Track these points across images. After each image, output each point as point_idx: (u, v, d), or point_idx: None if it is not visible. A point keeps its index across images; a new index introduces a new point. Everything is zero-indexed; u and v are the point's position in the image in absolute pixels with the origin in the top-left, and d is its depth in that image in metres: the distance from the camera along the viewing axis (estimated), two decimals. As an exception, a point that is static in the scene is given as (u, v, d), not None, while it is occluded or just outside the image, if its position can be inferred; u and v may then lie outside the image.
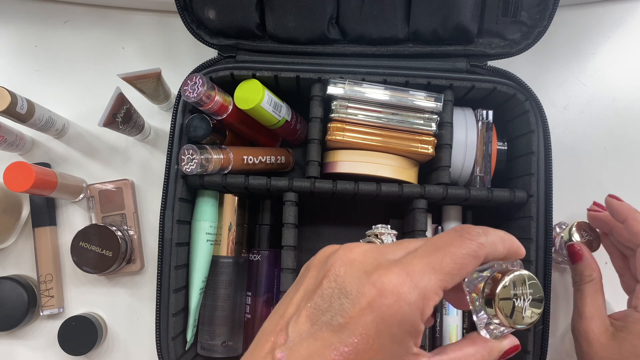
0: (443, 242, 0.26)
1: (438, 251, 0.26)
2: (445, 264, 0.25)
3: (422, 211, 0.54)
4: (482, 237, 0.26)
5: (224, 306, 0.56)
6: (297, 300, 0.27)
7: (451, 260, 0.25)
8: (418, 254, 0.26)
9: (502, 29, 0.54)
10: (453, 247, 0.26)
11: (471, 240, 0.26)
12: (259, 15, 0.54)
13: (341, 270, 0.26)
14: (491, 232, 0.27)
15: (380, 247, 0.27)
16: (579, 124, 0.65)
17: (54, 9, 0.68)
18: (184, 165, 0.50)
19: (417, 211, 0.54)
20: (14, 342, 0.62)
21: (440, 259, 0.25)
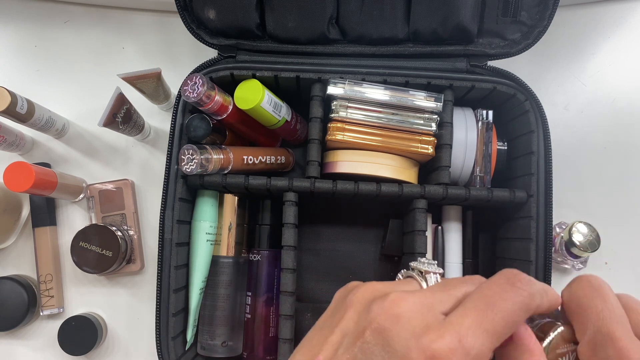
0: (494, 292, 0.24)
1: (489, 307, 0.24)
2: (497, 323, 0.23)
3: (422, 211, 0.54)
4: (533, 284, 0.24)
5: (224, 306, 0.56)
6: (334, 343, 0.25)
7: (503, 318, 0.23)
8: (467, 311, 0.24)
9: (502, 29, 0.54)
10: (505, 301, 0.24)
11: (522, 290, 0.24)
12: (259, 15, 0.54)
13: (387, 325, 0.24)
14: (535, 281, 0.25)
15: (429, 298, 0.25)
16: (579, 124, 0.65)
17: (54, 9, 0.68)
18: (184, 165, 0.50)
19: (417, 211, 0.54)
20: (14, 342, 0.62)
21: (492, 318, 0.23)
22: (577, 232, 0.56)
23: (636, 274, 0.63)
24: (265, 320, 0.57)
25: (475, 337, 0.23)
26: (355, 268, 0.63)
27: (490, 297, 0.24)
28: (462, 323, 0.23)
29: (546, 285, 0.26)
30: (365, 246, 0.63)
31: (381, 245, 0.62)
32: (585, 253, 0.56)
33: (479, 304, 0.24)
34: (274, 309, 0.58)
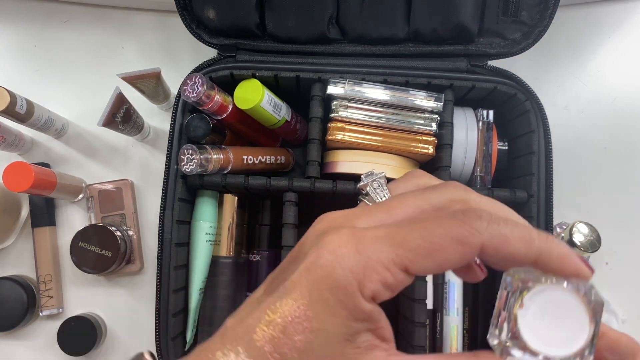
0: (426, 216, 0.22)
1: (411, 224, 0.21)
2: (410, 239, 0.20)
3: (423, 211, 0.53)
4: (481, 222, 0.20)
5: (223, 307, 0.56)
6: None
7: (420, 236, 0.20)
8: (390, 225, 0.22)
9: (502, 28, 0.54)
10: (431, 222, 0.21)
11: (463, 222, 0.20)
12: (259, 15, 0.54)
13: (307, 237, 0.23)
14: (508, 222, 0.21)
15: (353, 212, 0.24)
16: (579, 124, 0.65)
17: (54, 9, 0.68)
18: (184, 165, 0.50)
19: (417, 211, 0.53)
20: (13, 343, 0.62)
21: (406, 232, 0.21)
22: (577, 232, 0.56)
23: (637, 274, 0.63)
24: (265, 321, 0.57)
25: (375, 241, 0.21)
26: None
27: (419, 218, 0.22)
28: (372, 230, 0.21)
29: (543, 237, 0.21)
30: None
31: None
32: (585, 253, 0.56)
33: (402, 221, 0.22)
34: (274, 309, 0.57)
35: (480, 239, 0.20)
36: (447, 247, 0.20)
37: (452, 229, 0.20)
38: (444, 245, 0.20)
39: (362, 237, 0.21)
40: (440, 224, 0.21)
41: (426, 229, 0.21)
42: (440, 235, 0.20)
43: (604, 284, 0.62)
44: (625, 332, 0.23)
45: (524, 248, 0.21)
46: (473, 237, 0.20)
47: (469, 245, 0.20)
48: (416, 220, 0.21)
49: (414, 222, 0.21)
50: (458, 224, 0.20)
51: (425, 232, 0.20)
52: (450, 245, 0.20)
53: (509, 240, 0.21)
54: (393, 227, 0.21)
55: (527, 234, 0.21)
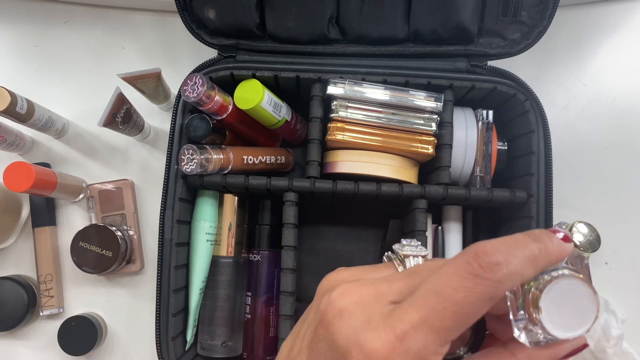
0: (446, 281, 0.21)
1: (439, 300, 0.21)
2: (447, 319, 0.20)
3: (422, 211, 0.54)
4: (500, 270, 0.20)
5: (224, 306, 0.56)
6: (299, 345, 0.25)
7: (455, 312, 0.20)
8: (414, 302, 0.21)
9: (502, 28, 0.54)
10: (459, 293, 0.20)
11: (484, 279, 0.20)
12: (259, 15, 0.54)
13: (331, 320, 0.23)
14: (516, 256, 0.21)
15: (376, 287, 0.23)
16: (579, 124, 0.65)
17: (54, 9, 0.68)
18: (184, 165, 0.50)
19: (417, 211, 0.54)
20: (14, 342, 0.62)
21: (440, 313, 0.21)
22: (577, 232, 0.56)
23: (636, 273, 0.63)
24: (265, 321, 0.57)
25: (416, 334, 0.20)
26: (355, 268, 0.62)
27: (443, 287, 0.21)
28: (404, 317, 0.21)
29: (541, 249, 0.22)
30: (365, 246, 0.63)
31: (381, 245, 0.62)
32: (585, 253, 0.56)
33: (428, 295, 0.21)
34: (274, 309, 0.58)
35: (504, 289, 0.21)
36: (480, 310, 0.21)
37: (480, 292, 0.20)
38: (478, 310, 0.21)
39: (403, 335, 0.21)
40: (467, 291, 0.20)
41: (456, 302, 0.20)
42: (471, 304, 0.21)
43: (603, 283, 0.62)
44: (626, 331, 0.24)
45: (533, 272, 0.22)
46: (499, 291, 0.21)
47: (497, 299, 0.21)
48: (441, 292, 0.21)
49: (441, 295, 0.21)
50: (481, 283, 0.20)
51: (457, 307, 0.20)
52: (483, 306, 0.21)
53: (523, 274, 0.21)
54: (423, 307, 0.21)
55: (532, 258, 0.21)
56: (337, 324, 0.22)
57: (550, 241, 0.22)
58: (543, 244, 0.22)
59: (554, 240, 0.22)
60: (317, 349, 0.23)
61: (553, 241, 0.22)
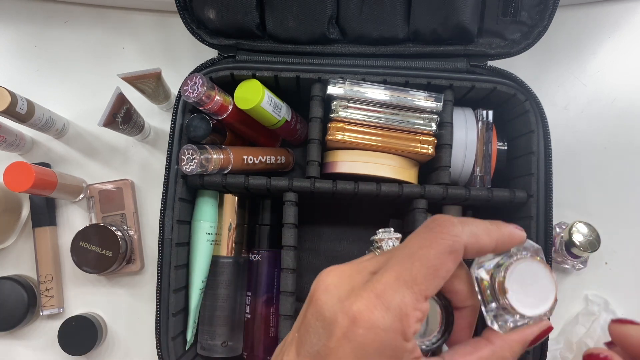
0: (412, 244, 0.24)
1: (407, 258, 0.24)
2: (416, 272, 0.23)
3: (422, 211, 0.54)
4: (456, 227, 0.24)
5: (224, 306, 0.56)
6: (294, 329, 0.26)
7: (422, 265, 0.23)
8: (388, 266, 0.24)
9: (502, 29, 0.54)
10: (422, 248, 0.23)
11: (442, 233, 0.24)
12: (259, 15, 0.54)
13: (320, 297, 0.24)
14: (471, 222, 0.25)
15: (357, 265, 0.26)
16: (579, 124, 0.65)
17: (54, 9, 0.68)
18: (184, 165, 0.50)
19: (417, 211, 0.54)
20: (14, 342, 0.62)
21: (409, 268, 0.23)
22: (577, 232, 0.56)
23: (636, 274, 0.63)
24: (265, 320, 0.57)
25: (393, 291, 0.23)
26: (355, 268, 0.63)
27: (409, 248, 0.24)
28: (381, 279, 0.23)
29: (494, 225, 0.26)
30: (365, 246, 0.62)
31: (381, 245, 0.62)
32: (585, 253, 0.56)
33: (398, 257, 0.24)
34: (274, 309, 0.58)
35: (462, 242, 0.24)
36: (444, 261, 0.23)
37: (440, 243, 0.23)
38: (442, 262, 0.23)
39: (382, 293, 0.23)
40: (429, 245, 0.23)
41: (422, 255, 0.23)
42: (435, 256, 0.23)
43: (603, 283, 0.62)
44: None
45: (488, 239, 0.25)
46: (457, 243, 0.24)
47: (457, 251, 0.24)
48: (408, 252, 0.24)
49: (408, 254, 0.24)
50: (441, 237, 0.24)
51: (423, 259, 0.23)
52: (446, 258, 0.23)
53: (478, 236, 0.25)
54: (396, 267, 0.24)
55: (486, 227, 0.25)
56: (323, 298, 0.24)
57: (504, 224, 0.26)
58: (498, 224, 0.26)
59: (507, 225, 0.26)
60: (306, 328, 0.24)
61: (506, 224, 0.26)
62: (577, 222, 0.56)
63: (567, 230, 0.56)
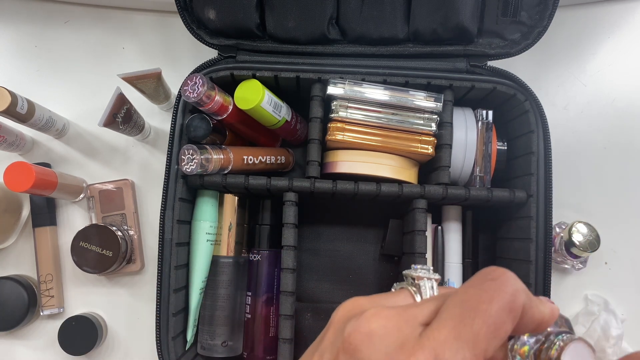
0: (470, 296, 0.21)
1: (466, 312, 0.21)
2: (477, 330, 0.20)
3: (422, 211, 0.54)
4: (516, 281, 0.22)
5: (224, 306, 0.56)
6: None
7: (484, 322, 0.21)
8: (443, 319, 0.21)
9: (501, 29, 0.54)
10: (483, 302, 0.21)
11: (502, 286, 0.21)
12: (259, 16, 0.54)
13: (358, 346, 0.22)
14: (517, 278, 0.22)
15: (405, 313, 0.23)
16: (579, 124, 0.65)
17: (54, 9, 0.68)
18: (184, 165, 0.50)
19: (417, 211, 0.54)
20: (14, 342, 0.62)
21: (470, 324, 0.21)
22: (576, 232, 0.56)
23: (636, 274, 0.63)
24: (265, 320, 0.57)
25: (453, 350, 0.20)
26: (355, 268, 0.63)
27: (467, 301, 0.21)
28: (438, 336, 0.21)
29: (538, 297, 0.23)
30: (365, 246, 0.63)
31: (381, 245, 0.62)
32: (585, 253, 0.56)
33: (455, 311, 0.21)
34: (274, 309, 0.58)
35: (522, 300, 0.21)
36: (505, 320, 0.21)
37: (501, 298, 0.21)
38: (503, 320, 0.21)
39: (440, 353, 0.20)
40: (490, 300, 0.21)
41: (482, 311, 0.21)
42: (496, 313, 0.21)
43: (603, 283, 0.62)
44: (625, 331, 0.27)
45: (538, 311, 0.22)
46: (518, 299, 0.21)
47: (517, 310, 0.21)
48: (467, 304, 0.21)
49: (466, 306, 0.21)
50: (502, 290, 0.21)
51: (483, 316, 0.21)
52: (506, 316, 0.21)
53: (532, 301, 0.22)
54: (452, 322, 0.21)
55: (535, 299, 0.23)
56: (366, 350, 0.21)
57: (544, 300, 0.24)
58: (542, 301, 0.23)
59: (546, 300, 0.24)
60: None
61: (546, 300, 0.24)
62: (577, 222, 0.57)
63: (567, 230, 0.56)
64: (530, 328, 0.23)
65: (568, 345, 0.26)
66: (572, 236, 0.56)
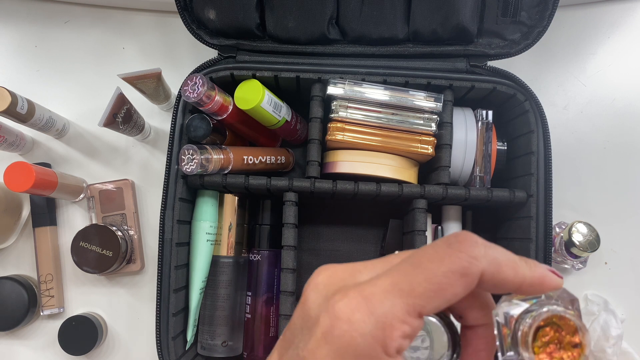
0: (424, 255, 0.21)
1: (411, 267, 0.21)
2: (417, 284, 0.20)
3: (422, 211, 0.54)
4: (477, 248, 0.21)
5: (224, 306, 0.56)
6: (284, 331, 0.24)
7: (426, 278, 0.20)
8: (390, 272, 0.21)
9: (501, 29, 0.54)
10: (433, 262, 0.21)
11: (460, 251, 0.21)
12: (259, 16, 0.54)
13: (308, 296, 0.23)
14: (498, 249, 0.22)
15: (355, 265, 0.23)
16: (579, 124, 0.65)
17: (54, 9, 0.68)
18: (184, 165, 0.50)
19: (416, 211, 0.54)
20: (14, 342, 0.62)
21: (411, 278, 0.20)
22: (576, 232, 0.56)
23: (636, 274, 0.63)
24: (266, 320, 0.57)
25: (384, 296, 0.20)
26: (355, 268, 0.63)
27: (419, 259, 0.21)
28: (376, 283, 0.21)
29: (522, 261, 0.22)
30: (365, 246, 0.63)
31: (381, 245, 0.62)
32: (584, 253, 0.56)
33: (401, 266, 0.21)
34: (274, 308, 0.58)
35: (480, 267, 0.21)
36: (453, 282, 0.20)
37: (453, 261, 0.21)
38: (450, 282, 0.20)
39: (371, 295, 0.20)
40: (441, 260, 0.21)
41: (428, 269, 0.20)
42: (443, 273, 0.20)
43: (603, 283, 0.63)
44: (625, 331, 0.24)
45: (512, 275, 0.21)
46: (473, 266, 0.21)
47: (471, 276, 0.21)
48: (415, 261, 0.21)
49: (414, 264, 0.21)
50: (457, 255, 0.21)
51: (428, 273, 0.20)
52: (455, 280, 0.20)
53: (501, 267, 0.21)
54: (396, 274, 0.21)
55: (512, 260, 0.22)
56: (312, 297, 0.22)
57: (538, 264, 0.22)
58: (529, 262, 0.22)
59: (541, 266, 0.22)
60: (291, 329, 0.23)
61: (540, 265, 0.22)
62: (577, 222, 0.57)
63: (567, 230, 0.56)
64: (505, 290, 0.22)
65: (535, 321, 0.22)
66: (572, 236, 0.56)
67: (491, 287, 0.22)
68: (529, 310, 0.22)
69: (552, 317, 0.22)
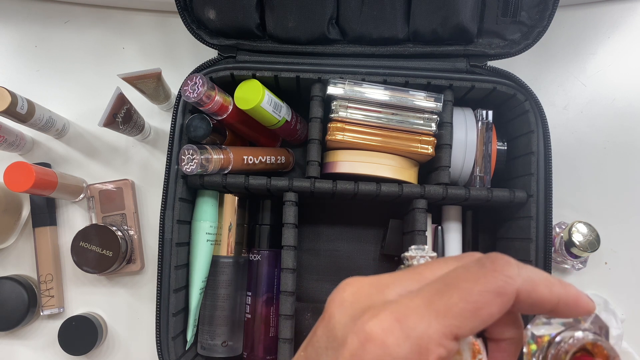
0: (457, 275, 0.20)
1: (445, 287, 0.20)
2: (453, 304, 0.19)
3: (422, 211, 0.54)
4: (512, 268, 0.20)
5: (224, 306, 0.56)
6: (303, 346, 0.23)
7: (462, 299, 0.19)
8: (422, 290, 0.20)
9: (501, 29, 0.54)
10: (467, 281, 0.20)
11: (495, 271, 0.20)
12: (259, 16, 0.54)
13: (332, 312, 0.22)
14: (531, 268, 0.21)
15: (381, 279, 0.22)
16: (579, 124, 0.65)
17: (54, 9, 0.68)
18: (184, 165, 0.50)
19: (416, 211, 0.54)
20: (14, 342, 0.62)
21: (447, 298, 0.20)
22: (576, 232, 0.56)
23: (636, 274, 0.63)
24: (266, 320, 0.57)
25: (419, 317, 0.19)
26: (355, 268, 0.63)
27: (450, 277, 0.20)
28: (409, 303, 0.20)
29: (556, 280, 0.21)
30: (365, 246, 0.63)
31: (381, 245, 0.62)
32: (584, 253, 0.56)
33: (435, 285, 0.20)
34: (274, 309, 0.58)
35: (515, 286, 0.20)
36: (489, 302, 0.20)
37: (488, 281, 0.20)
38: (486, 301, 0.20)
39: (403, 317, 0.19)
40: (475, 280, 0.20)
41: (463, 288, 0.20)
42: (479, 292, 0.20)
43: (603, 283, 0.62)
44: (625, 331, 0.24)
45: (548, 293, 0.21)
46: (509, 285, 0.20)
47: (508, 295, 0.20)
48: (449, 281, 0.20)
49: (448, 284, 0.20)
50: (492, 274, 0.20)
51: (463, 293, 0.20)
52: (492, 299, 0.20)
53: (537, 285, 0.21)
54: (428, 293, 0.20)
55: (547, 278, 0.21)
56: (337, 315, 0.21)
57: (571, 284, 0.22)
58: (563, 282, 0.22)
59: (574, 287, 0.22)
60: (314, 346, 0.22)
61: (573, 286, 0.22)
62: (577, 222, 0.57)
63: (567, 230, 0.56)
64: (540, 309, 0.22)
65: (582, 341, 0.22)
66: (572, 236, 0.56)
67: (526, 307, 0.21)
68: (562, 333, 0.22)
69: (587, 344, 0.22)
